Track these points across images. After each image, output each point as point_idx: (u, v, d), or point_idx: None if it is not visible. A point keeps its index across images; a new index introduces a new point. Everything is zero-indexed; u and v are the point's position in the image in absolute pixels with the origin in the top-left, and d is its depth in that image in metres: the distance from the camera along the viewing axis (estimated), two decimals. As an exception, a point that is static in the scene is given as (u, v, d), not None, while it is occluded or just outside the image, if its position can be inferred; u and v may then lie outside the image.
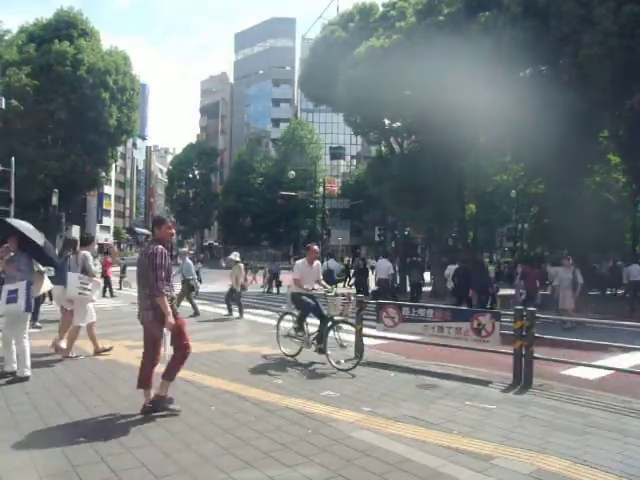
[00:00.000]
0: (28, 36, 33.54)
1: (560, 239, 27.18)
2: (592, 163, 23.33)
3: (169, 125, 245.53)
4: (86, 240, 7.78)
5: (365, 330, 7.65)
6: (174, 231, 5.15)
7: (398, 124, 27.32)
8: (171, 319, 4.56)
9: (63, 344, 7.12)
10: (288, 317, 7.90)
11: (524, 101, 16.65)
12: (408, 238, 37.96)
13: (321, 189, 38.13)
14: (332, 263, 22.13)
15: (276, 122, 76.33)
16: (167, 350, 4.86)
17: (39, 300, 9.48)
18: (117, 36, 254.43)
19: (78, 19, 34.87)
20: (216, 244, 69.65)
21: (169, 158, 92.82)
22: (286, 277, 20.44)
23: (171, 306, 4.66)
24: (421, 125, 24.08)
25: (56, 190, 27.48)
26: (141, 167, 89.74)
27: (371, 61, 21.42)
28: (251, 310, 13.64)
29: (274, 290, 22.15)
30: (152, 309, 4.62)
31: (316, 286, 7.55)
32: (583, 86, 16.55)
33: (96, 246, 59.89)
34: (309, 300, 7.31)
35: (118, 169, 71.15)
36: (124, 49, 37.69)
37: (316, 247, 7.83)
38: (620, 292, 22.20)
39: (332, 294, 7.21)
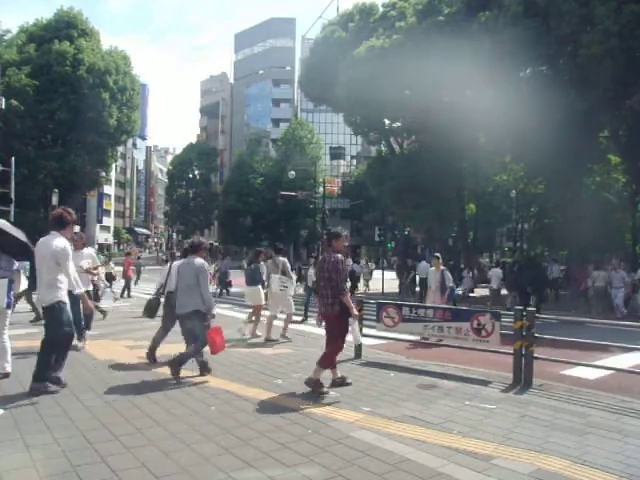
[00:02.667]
0: (28, 36, 33.49)
1: (560, 239, 27.17)
2: (592, 163, 23.30)
3: (169, 125, 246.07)
4: (281, 250, 9.75)
5: (365, 330, 7.66)
6: (347, 243, 6.07)
7: (398, 124, 27.34)
8: (354, 311, 5.58)
9: (259, 332, 9.29)
10: None
11: (524, 101, 16.65)
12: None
13: (321, 189, 38.12)
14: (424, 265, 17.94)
15: (276, 122, 76.33)
16: (358, 337, 6.13)
17: (90, 316, 8.36)
18: (117, 36, 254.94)
19: (78, 19, 34.82)
20: (216, 244, 69.70)
21: (169, 158, 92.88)
22: (239, 279, 18.98)
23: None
24: (421, 125, 24.10)
25: (56, 190, 27.48)
26: (141, 167, 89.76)
27: (371, 61, 21.43)
28: (250, 310, 13.60)
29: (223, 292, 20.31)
30: (339, 305, 5.49)
31: None
32: (583, 86, 16.55)
33: (96, 246, 60.06)
34: None
35: (118, 169, 71.14)
36: (124, 49, 37.68)
37: None
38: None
39: None
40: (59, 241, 5.25)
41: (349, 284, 7.98)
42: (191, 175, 64.87)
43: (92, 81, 32.30)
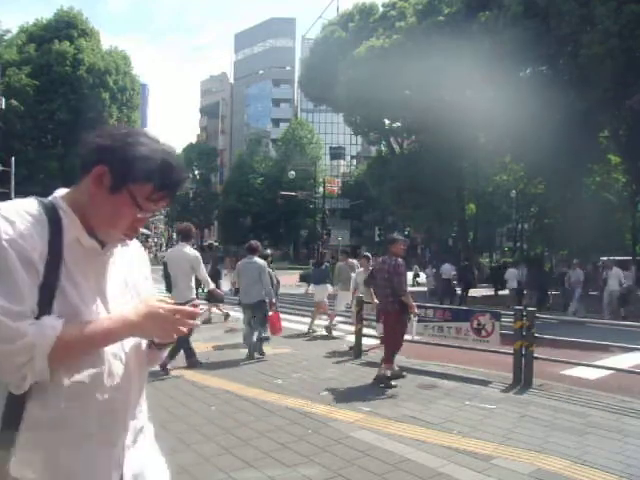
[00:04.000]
0: (28, 36, 33.47)
1: (560, 239, 27.17)
2: (592, 163, 23.30)
3: (169, 125, 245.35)
4: (350, 253, 11.40)
5: (365, 330, 7.66)
6: (404, 247, 6.55)
7: (398, 124, 27.37)
8: (415, 309, 6.12)
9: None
10: None
11: (524, 101, 16.65)
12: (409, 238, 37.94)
13: (321, 189, 38.14)
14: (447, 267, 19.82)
15: (276, 122, 76.26)
16: (414, 333, 6.60)
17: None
18: (117, 36, 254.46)
19: (78, 19, 34.80)
20: (216, 244, 69.68)
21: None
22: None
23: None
24: (421, 125, 24.12)
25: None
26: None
27: (371, 61, 21.44)
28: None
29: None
30: (398, 303, 5.94)
31: None
32: (583, 86, 16.54)
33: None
34: None
35: (118, 169, 71.04)
36: (124, 49, 37.67)
37: None
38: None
39: None
40: (190, 250, 6.37)
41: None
42: (191, 175, 64.82)
43: (92, 81, 32.29)
